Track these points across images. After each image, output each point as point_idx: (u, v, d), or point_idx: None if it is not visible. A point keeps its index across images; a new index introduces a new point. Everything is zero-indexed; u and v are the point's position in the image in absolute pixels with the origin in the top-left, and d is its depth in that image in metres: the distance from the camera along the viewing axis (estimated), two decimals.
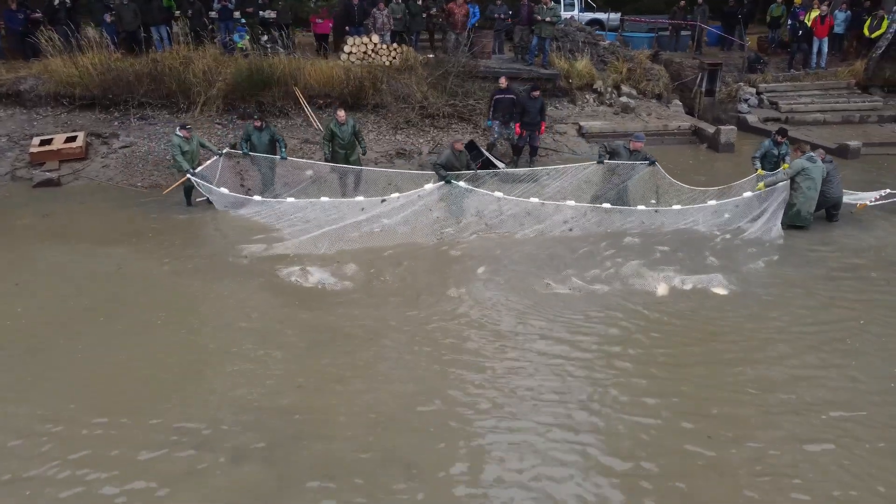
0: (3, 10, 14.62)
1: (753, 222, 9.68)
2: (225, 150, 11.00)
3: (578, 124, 15.05)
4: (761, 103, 16.97)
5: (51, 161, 12.09)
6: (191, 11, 15.28)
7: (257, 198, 10.13)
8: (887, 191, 10.20)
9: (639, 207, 9.69)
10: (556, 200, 9.81)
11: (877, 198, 10.08)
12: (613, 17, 22.85)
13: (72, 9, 15.17)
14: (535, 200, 9.56)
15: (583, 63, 16.40)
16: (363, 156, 11.36)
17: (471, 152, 11.65)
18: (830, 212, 10.12)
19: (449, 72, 14.76)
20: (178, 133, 10.23)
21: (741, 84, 17.23)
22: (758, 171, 10.64)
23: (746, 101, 16.81)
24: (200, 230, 9.80)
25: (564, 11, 20.21)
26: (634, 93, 16.93)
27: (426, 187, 9.58)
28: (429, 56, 15.71)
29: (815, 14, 17.07)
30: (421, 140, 13.88)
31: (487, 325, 7.23)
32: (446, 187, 9.53)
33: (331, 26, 16.33)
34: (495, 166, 11.62)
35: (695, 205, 9.81)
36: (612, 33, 21.04)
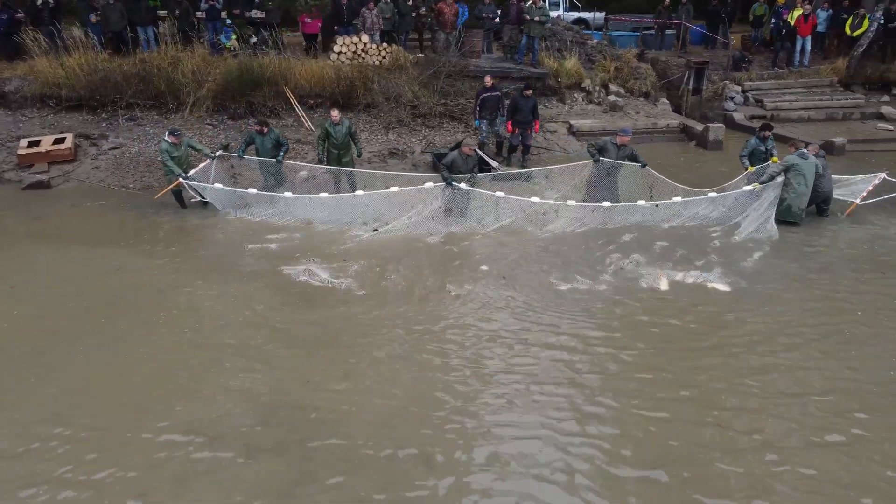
0: None
1: (745, 218, 9.77)
2: (218, 153, 10.88)
3: (569, 123, 15.14)
4: (747, 101, 17.20)
5: (39, 163, 11.92)
6: (178, 11, 15.13)
7: (252, 190, 10.07)
8: (883, 175, 10.35)
9: (639, 202, 9.75)
10: (556, 200, 9.90)
11: (869, 191, 10.23)
12: (598, 16, 22.99)
13: (55, 9, 14.97)
14: (535, 200, 9.60)
15: (571, 62, 16.51)
16: (359, 157, 11.30)
17: (452, 153, 11.68)
18: (821, 206, 10.26)
19: (440, 71, 14.80)
20: (167, 139, 10.11)
21: (727, 82, 17.45)
22: (748, 168, 10.80)
23: (732, 99, 17.02)
24: (198, 231, 9.71)
25: (550, 11, 20.32)
26: (622, 91, 17.09)
27: (426, 185, 9.59)
28: (418, 56, 15.74)
29: (798, 13, 17.34)
30: (413, 139, 13.88)
31: (493, 322, 7.25)
32: (448, 189, 9.56)
33: (320, 26, 16.25)
34: (489, 165, 11.65)
35: (695, 197, 9.89)
36: (598, 32, 21.19)
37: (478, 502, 4.91)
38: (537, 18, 15.56)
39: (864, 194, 10.23)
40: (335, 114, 10.76)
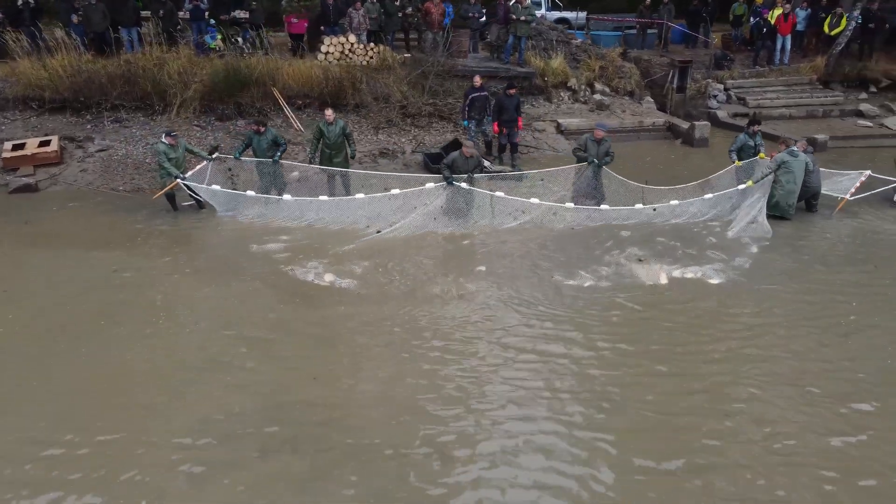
0: None
1: (738, 216, 9.92)
2: (215, 156, 10.77)
3: (557, 122, 15.24)
4: (729, 99, 17.45)
5: (25, 166, 11.73)
6: (162, 12, 14.95)
7: (251, 193, 10.01)
8: (868, 172, 10.58)
9: (637, 206, 9.86)
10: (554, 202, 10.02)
11: (857, 187, 10.45)
12: (580, 15, 23.14)
13: (35, 9, 14.72)
14: (535, 201, 9.67)
15: (558, 61, 16.61)
16: (352, 159, 11.23)
17: (455, 150, 11.70)
18: (810, 202, 10.46)
19: (427, 71, 14.80)
20: (164, 140, 10.01)
21: (709, 81, 17.68)
22: (735, 162, 10.97)
23: (715, 97, 17.26)
24: (195, 232, 9.63)
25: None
26: (607, 90, 17.23)
27: (427, 186, 9.62)
28: (405, 55, 15.73)
29: (778, 12, 17.62)
30: (403, 139, 13.87)
31: (496, 320, 7.29)
32: (449, 187, 9.60)
33: (306, 26, 16.16)
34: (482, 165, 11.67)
35: (691, 199, 10.03)
36: (580, 32, 21.33)
37: (491, 497, 4.94)
38: (524, 18, 15.62)
39: (853, 190, 10.44)
40: (329, 113, 10.71)
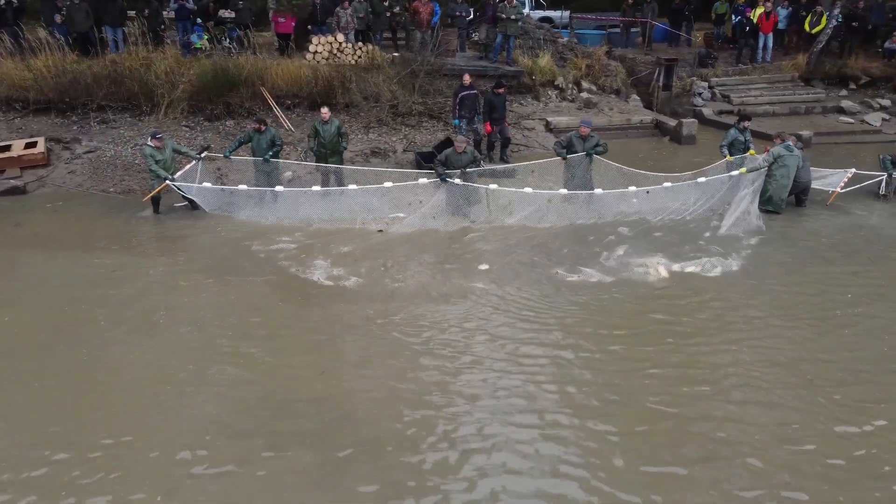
0: None
1: (730, 210, 10.05)
2: (203, 155, 10.67)
3: (546, 120, 15.32)
4: (714, 97, 17.65)
5: (11, 168, 11.53)
6: (147, 11, 14.79)
7: (242, 187, 9.96)
8: (853, 170, 10.78)
9: (630, 188, 9.94)
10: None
11: (845, 181, 10.64)
12: (564, 14, 23.27)
13: (18, 9, 14.47)
14: (528, 190, 9.73)
15: (545, 60, 16.70)
16: (343, 149, 11.20)
17: (447, 149, 11.73)
18: (800, 197, 10.64)
19: (417, 70, 14.80)
20: (150, 143, 9.91)
21: (694, 78, 17.89)
22: (726, 157, 11.12)
23: (700, 94, 17.46)
24: (190, 233, 9.53)
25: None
26: (594, 88, 17.35)
27: (420, 181, 9.63)
28: (394, 55, 15.70)
29: (760, 10, 17.88)
30: (394, 139, 13.86)
31: (498, 318, 7.31)
32: (443, 184, 9.63)
33: (293, 25, 16.06)
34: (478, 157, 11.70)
35: (684, 182, 10.14)
36: (565, 31, 21.45)
37: (504, 487, 4.99)
38: (513, 17, 15.67)
39: (842, 185, 10.64)
40: (325, 111, 10.69)
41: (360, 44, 15.15)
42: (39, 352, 6.55)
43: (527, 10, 22.65)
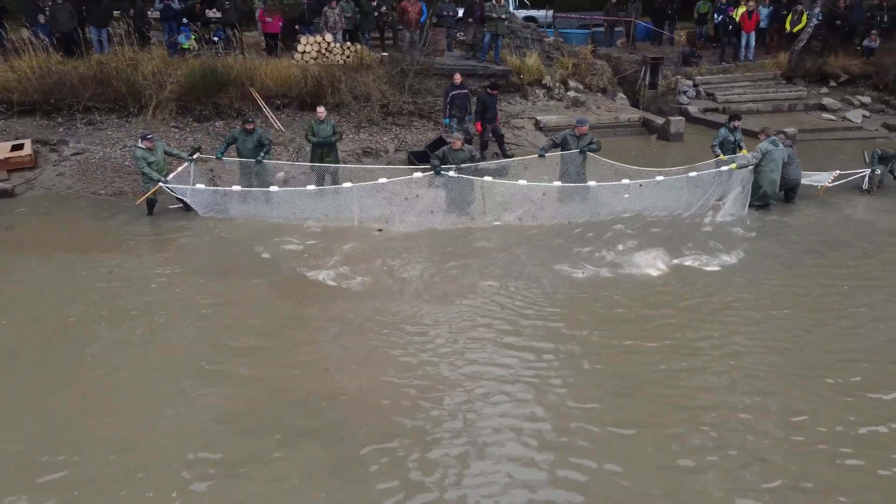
0: None
1: (723, 204, 10.20)
2: (195, 156, 10.57)
3: (535, 119, 15.40)
4: (699, 95, 17.86)
5: None
6: (132, 11, 14.61)
7: (236, 187, 9.90)
8: (837, 172, 11.00)
9: (624, 181, 10.03)
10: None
11: (832, 179, 10.85)
12: (548, 14, 23.41)
13: (1, 9, 14.24)
14: (522, 183, 9.79)
15: (533, 59, 16.80)
16: (337, 140, 11.19)
17: (440, 148, 11.75)
18: (789, 193, 10.81)
19: (406, 70, 14.79)
20: (140, 145, 9.79)
21: (679, 77, 18.08)
22: (719, 156, 11.24)
23: (685, 92, 17.66)
24: (185, 234, 9.45)
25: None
26: (581, 87, 17.48)
27: (415, 175, 9.66)
28: (383, 54, 15.69)
29: (742, 9, 18.13)
30: (385, 138, 13.84)
31: (502, 315, 7.35)
32: (437, 177, 9.68)
33: (280, 25, 15.97)
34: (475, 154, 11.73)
35: (676, 175, 10.22)
36: (550, 30, 21.58)
37: (514, 477, 5.05)
38: (502, 16, 15.73)
39: (830, 180, 10.85)
40: (321, 110, 10.67)
41: (348, 43, 15.12)
42: (40, 354, 6.48)
43: (511, 9, 22.78)
